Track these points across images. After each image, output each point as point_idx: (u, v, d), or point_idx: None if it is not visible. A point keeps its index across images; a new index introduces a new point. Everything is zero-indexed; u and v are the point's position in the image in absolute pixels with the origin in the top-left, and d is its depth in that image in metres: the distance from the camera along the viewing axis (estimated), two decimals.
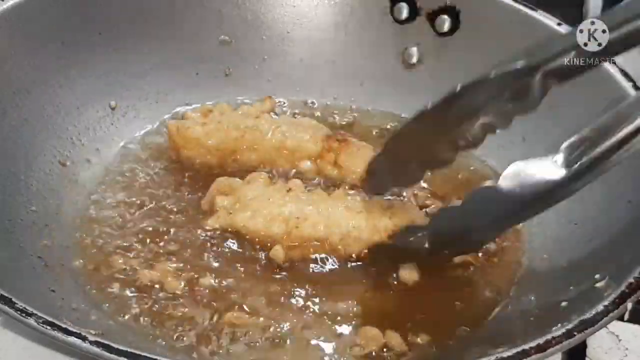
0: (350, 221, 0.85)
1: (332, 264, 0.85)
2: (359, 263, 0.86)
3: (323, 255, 0.86)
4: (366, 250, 0.85)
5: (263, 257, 0.85)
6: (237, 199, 0.88)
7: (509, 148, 1.00)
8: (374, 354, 0.76)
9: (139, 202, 0.92)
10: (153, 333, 0.77)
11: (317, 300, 0.81)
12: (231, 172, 0.95)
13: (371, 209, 0.86)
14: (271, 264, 0.85)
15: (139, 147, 1.01)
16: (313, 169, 0.96)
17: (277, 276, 0.84)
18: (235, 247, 0.86)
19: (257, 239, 0.86)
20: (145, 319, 0.78)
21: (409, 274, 0.83)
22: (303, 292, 0.82)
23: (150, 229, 0.88)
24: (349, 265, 0.85)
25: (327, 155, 0.96)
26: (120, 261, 0.84)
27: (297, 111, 1.09)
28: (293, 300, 0.81)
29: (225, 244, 0.86)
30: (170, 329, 0.77)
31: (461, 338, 0.78)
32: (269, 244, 0.85)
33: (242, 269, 0.84)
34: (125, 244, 0.86)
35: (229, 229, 0.87)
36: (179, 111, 1.06)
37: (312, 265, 0.85)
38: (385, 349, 0.77)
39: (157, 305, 0.79)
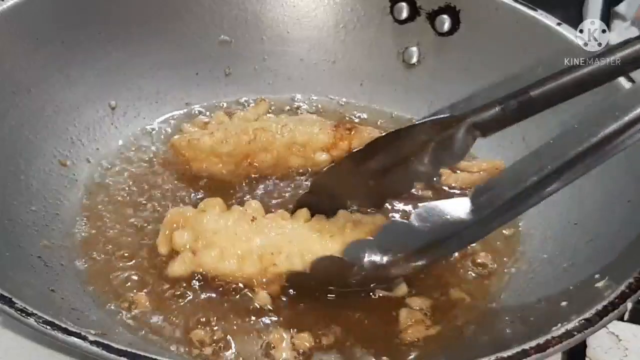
0: (326, 245, 0.80)
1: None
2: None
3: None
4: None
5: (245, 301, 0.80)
6: (197, 234, 0.81)
7: (508, 148, 1.00)
8: None
9: (139, 202, 0.92)
10: (153, 333, 0.77)
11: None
12: (245, 176, 0.95)
13: (342, 230, 0.82)
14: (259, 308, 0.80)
15: (139, 147, 1.01)
16: (329, 160, 0.96)
17: (268, 321, 0.79)
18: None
19: (229, 281, 0.81)
20: (146, 319, 0.78)
21: (399, 289, 0.82)
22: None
23: (151, 228, 0.88)
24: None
25: (340, 144, 0.96)
26: (120, 261, 0.84)
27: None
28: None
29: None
30: (170, 333, 0.77)
31: (461, 339, 0.79)
32: (242, 284, 0.81)
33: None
34: (125, 245, 0.86)
35: (197, 272, 0.81)
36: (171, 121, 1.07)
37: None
38: None
39: (158, 306, 0.79)
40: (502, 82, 1.02)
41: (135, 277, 0.82)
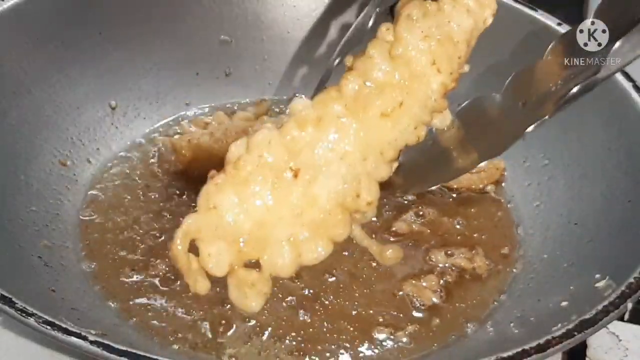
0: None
1: None
2: None
3: None
4: None
5: None
6: (232, 239, 0.58)
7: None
8: None
9: (139, 202, 0.92)
10: (154, 333, 0.77)
11: None
12: None
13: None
14: None
15: (139, 147, 1.01)
16: None
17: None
18: None
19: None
20: (147, 319, 0.78)
21: (393, 253, 0.73)
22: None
23: (152, 229, 0.89)
24: None
25: None
26: (120, 261, 0.84)
27: None
28: None
29: None
30: (170, 332, 0.77)
31: (461, 339, 0.79)
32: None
33: None
34: (125, 244, 0.86)
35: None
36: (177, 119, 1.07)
37: None
38: None
39: (159, 306, 0.80)
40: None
41: (136, 278, 0.82)
